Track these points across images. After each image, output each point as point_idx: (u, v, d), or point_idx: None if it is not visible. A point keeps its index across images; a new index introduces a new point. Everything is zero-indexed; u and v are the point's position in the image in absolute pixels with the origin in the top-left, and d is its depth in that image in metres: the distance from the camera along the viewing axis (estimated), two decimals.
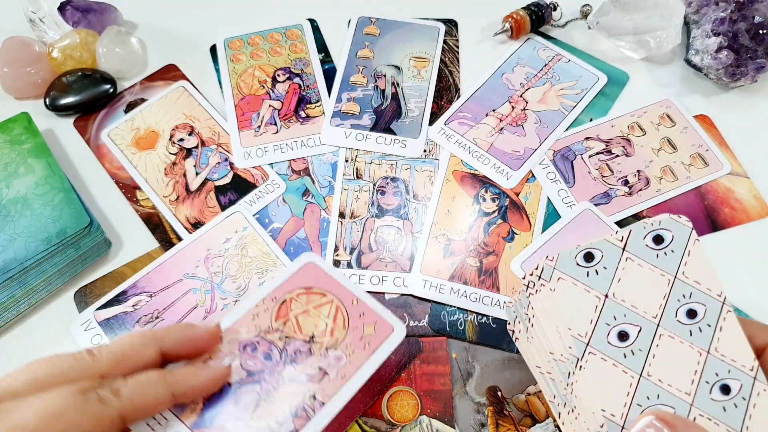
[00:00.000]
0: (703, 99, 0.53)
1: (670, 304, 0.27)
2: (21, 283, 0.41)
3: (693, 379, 0.26)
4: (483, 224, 0.46)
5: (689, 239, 0.28)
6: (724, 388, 0.26)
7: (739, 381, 0.26)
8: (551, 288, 0.26)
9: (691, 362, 0.26)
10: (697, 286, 0.27)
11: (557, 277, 0.26)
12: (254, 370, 0.34)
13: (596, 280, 0.27)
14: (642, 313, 0.26)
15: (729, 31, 0.51)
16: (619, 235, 0.28)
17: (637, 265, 0.27)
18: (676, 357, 0.26)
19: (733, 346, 0.26)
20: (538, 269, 0.27)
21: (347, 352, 0.35)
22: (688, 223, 0.28)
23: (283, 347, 0.35)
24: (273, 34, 0.56)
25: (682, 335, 0.26)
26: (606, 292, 0.26)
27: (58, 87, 0.51)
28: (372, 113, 0.51)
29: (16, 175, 0.44)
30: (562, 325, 0.26)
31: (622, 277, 0.27)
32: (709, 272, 0.28)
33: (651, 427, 0.23)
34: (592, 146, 0.50)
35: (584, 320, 0.26)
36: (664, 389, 0.25)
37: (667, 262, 0.27)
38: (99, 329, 0.42)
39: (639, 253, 0.27)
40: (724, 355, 0.26)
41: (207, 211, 0.47)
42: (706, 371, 0.26)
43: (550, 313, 0.26)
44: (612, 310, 0.26)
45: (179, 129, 0.50)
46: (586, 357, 0.25)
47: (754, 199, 0.48)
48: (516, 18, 0.55)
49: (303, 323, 0.36)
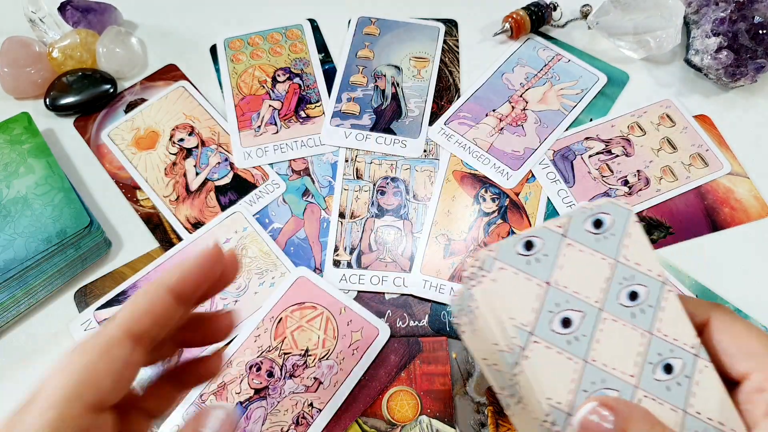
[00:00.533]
0: (703, 99, 0.53)
1: (612, 288, 0.27)
2: (21, 283, 0.41)
3: (637, 361, 0.26)
4: (483, 224, 0.46)
5: (628, 221, 0.28)
6: (667, 367, 0.26)
7: (681, 359, 0.26)
8: (492, 278, 0.26)
9: (634, 344, 0.26)
10: (637, 268, 0.27)
11: (498, 267, 0.26)
12: (260, 387, 0.40)
13: (537, 268, 0.26)
14: (584, 299, 0.26)
15: (729, 31, 0.51)
16: (558, 221, 0.27)
17: (578, 251, 0.27)
18: (620, 340, 0.26)
19: (675, 325, 0.26)
20: (479, 260, 0.26)
21: (338, 360, 0.40)
22: (627, 206, 0.28)
23: (282, 363, 0.40)
24: (273, 34, 0.56)
25: (624, 318, 0.26)
26: (548, 280, 0.26)
27: (58, 87, 0.51)
28: (372, 113, 0.51)
29: (16, 175, 0.44)
30: (505, 316, 0.25)
31: (563, 264, 0.26)
32: (649, 254, 0.27)
33: (594, 414, 0.23)
34: (592, 146, 0.50)
35: (527, 309, 0.26)
36: (608, 373, 0.25)
37: (607, 246, 0.27)
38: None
39: (579, 238, 0.27)
40: (667, 335, 0.26)
41: (207, 211, 0.47)
42: (650, 352, 0.26)
43: (493, 304, 0.26)
44: (554, 298, 0.26)
45: (179, 129, 0.50)
46: (530, 346, 0.25)
47: (754, 199, 0.48)
48: (516, 18, 0.55)
49: (298, 338, 0.41)
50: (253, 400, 0.39)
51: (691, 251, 0.45)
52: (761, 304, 0.43)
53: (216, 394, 0.39)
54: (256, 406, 0.39)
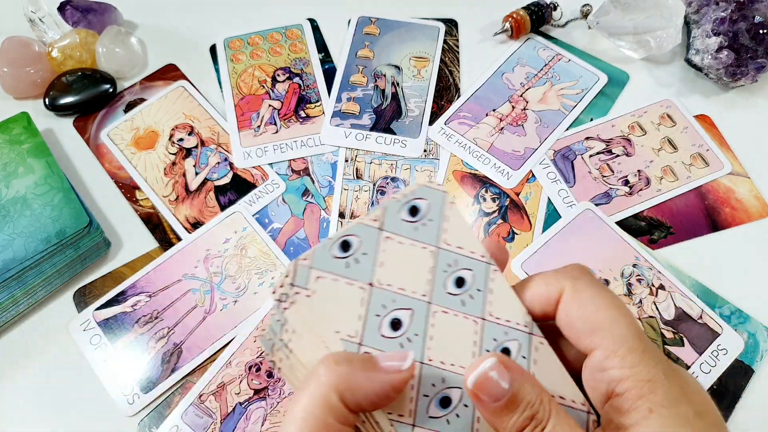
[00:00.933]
0: (704, 99, 0.53)
1: (438, 278, 0.25)
2: (20, 283, 0.41)
3: (474, 351, 0.24)
4: (483, 224, 0.46)
5: (444, 204, 0.26)
6: (505, 351, 0.24)
7: (517, 341, 0.25)
8: (308, 293, 0.23)
9: (469, 334, 0.24)
10: (460, 251, 0.25)
11: (315, 277, 0.23)
12: (259, 388, 0.40)
13: (357, 270, 0.24)
14: (411, 294, 0.24)
15: (729, 30, 0.50)
16: (373, 215, 0.25)
17: (398, 243, 0.25)
18: (454, 332, 0.24)
19: (505, 307, 0.25)
20: (289, 276, 0.23)
21: None
22: (441, 187, 0.26)
23: None
24: (273, 34, 0.56)
25: (455, 307, 0.25)
26: (370, 281, 0.24)
27: (58, 87, 0.51)
28: (372, 113, 0.51)
29: (15, 175, 0.44)
30: (328, 331, 0.23)
31: (384, 260, 0.24)
32: (469, 235, 0.26)
33: (494, 370, 0.22)
34: (592, 146, 0.50)
35: (352, 318, 0.23)
36: (448, 371, 0.24)
37: (426, 233, 0.25)
38: (98, 329, 0.42)
39: (397, 229, 0.25)
40: (499, 318, 0.25)
41: (206, 211, 0.47)
42: (485, 339, 0.24)
43: (313, 322, 0.23)
44: (380, 299, 0.24)
45: (179, 129, 0.50)
46: None
47: (755, 199, 0.47)
48: (516, 18, 0.55)
49: None
50: (252, 400, 0.39)
51: (691, 251, 0.45)
52: (761, 304, 0.43)
53: (215, 395, 0.39)
54: (256, 407, 0.39)
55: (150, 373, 0.40)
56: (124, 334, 0.41)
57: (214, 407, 0.39)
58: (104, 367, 0.40)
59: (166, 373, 0.40)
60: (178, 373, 0.40)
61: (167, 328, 0.42)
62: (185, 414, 0.39)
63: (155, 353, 0.41)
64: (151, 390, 0.40)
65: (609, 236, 0.45)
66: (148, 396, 0.39)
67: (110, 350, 0.41)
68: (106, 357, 0.41)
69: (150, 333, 0.41)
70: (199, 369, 0.41)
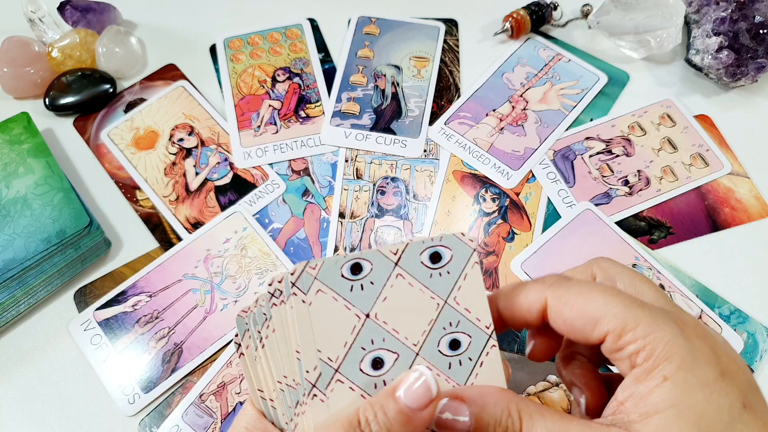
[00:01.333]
0: (704, 99, 0.53)
1: (434, 332, 0.24)
2: (21, 283, 0.41)
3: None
4: (483, 224, 0.46)
5: (468, 261, 0.25)
6: None
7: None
8: (307, 301, 0.23)
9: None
10: (466, 314, 0.25)
11: (317, 289, 0.23)
12: None
13: (359, 297, 0.24)
14: (403, 339, 0.24)
15: (729, 30, 0.50)
16: (394, 248, 0.24)
17: (408, 284, 0.24)
18: None
19: (489, 381, 0.24)
20: (294, 275, 0.23)
21: None
22: (470, 244, 0.25)
23: None
24: (273, 34, 0.56)
25: (440, 367, 0.24)
26: (368, 312, 0.24)
27: (58, 87, 0.51)
28: (372, 113, 0.51)
29: (15, 175, 0.44)
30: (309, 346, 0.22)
31: (388, 296, 0.24)
32: (481, 301, 0.25)
33: (446, 411, 0.22)
34: (592, 146, 0.50)
35: (338, 342, 0.23)
36: None
37: (440, 284, 0.25)
38: (98, 329, 0.42)
39: (412, 270, 0.24)
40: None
41: (207, 211, 0.47)
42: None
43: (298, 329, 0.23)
44: (371, 333, 0.23)
45: (179, 129, 0.50)
46: (332, 385, 0.23)
47: (755, 199, 0.47)
48: (516, 18, 0.54)
49: None
50: None
51: (691, 251, 0.45)
52: (761, 304, 0.43)
53: (216, 394, 0.39)
54: None
55: (150, 372, 0.40)
56: (124, 334, 0.41)
57: (214, 407, 0.39)
58: (105, 366, 0.40)
59: (166, 373, 0.40)
60: (179, 373, 0.40)
61: (168, 328, 0.42)
62: (186, 414, 0.39)
63: (156, 353, 0.41)
64: (152, 390, 0.40)
65: (609, 236, 0.45)
66: (148, 396, 0.40)
67: (111, 350, 0.41)
68: (107, 357, 0.41)
69: (150, 333, 0.41)
70: (200, 369, 0.41)
